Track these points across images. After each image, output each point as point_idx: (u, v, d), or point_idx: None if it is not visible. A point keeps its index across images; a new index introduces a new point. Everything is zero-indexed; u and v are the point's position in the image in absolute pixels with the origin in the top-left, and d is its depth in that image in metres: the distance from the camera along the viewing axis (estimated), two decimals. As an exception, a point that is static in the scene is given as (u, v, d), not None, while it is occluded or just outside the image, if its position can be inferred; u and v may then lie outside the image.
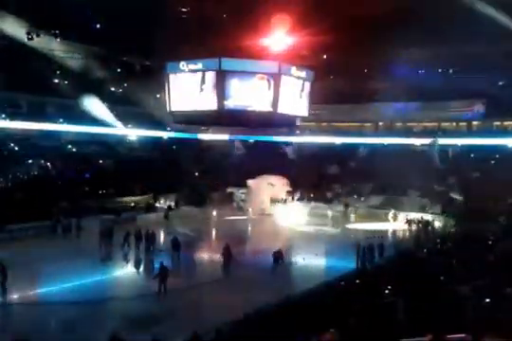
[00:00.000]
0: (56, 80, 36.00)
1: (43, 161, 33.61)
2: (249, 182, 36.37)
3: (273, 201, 36.67)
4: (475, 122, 43.13)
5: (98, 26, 33.05)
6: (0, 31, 29.38)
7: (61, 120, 35.47)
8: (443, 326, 8.08)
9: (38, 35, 29.38)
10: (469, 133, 42.25)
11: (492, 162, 38.46)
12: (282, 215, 34.66)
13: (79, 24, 32.20)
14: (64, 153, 35.90)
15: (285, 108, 30.53)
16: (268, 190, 35.72)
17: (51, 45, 31.84)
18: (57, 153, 34.07)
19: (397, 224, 32.04)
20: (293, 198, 38.46)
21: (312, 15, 33.43)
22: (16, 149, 33.59)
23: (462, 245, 19.07)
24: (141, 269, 21.44)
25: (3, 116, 32.29)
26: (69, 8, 29.21)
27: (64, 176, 32.98)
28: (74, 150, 37.12)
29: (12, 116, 33.03)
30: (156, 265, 21.30)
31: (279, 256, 20.52)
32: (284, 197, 37.58)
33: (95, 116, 36.28)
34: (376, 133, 45.74)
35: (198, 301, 16.05)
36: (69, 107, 36.93)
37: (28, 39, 28.61)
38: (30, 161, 33.12)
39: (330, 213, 35.48)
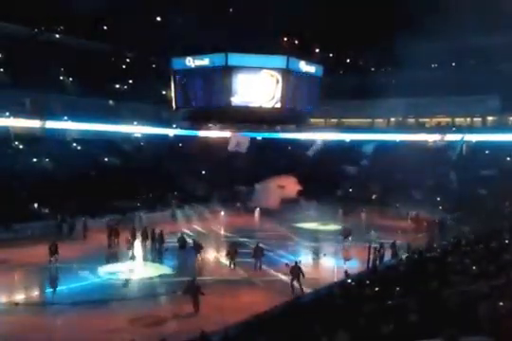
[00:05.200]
0: (61, 77, 35.66)
1: (48, 160, 33.25)
2: (257, 186, 35.00)
3: (282, 201, 35.61)
4: (490, 117, 42.06)
5: (103, 21, 32.75)
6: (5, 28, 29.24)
7: (65, 118, 35.12)
8: (457, 327, 7.47)
9: (42, 32, 29.16)
10: (484, 128, 41.16)
11: (508, 159, 37.38)
12: (290, 214, 33.82)
13: (84, 19, 32.01)
14: (69, 152, 35.50)
15: (294, 104, 29.94)
16: (277, 192, 34.55)
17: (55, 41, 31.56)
18: (62, 152, 33.66)
19: (409, 222, 31.14)
20: (302, 197, 37.45)
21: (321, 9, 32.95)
22: (21, 147, 33.28)
23: (477, 244, 18.33)
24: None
25: (7, 113, 32.01)
26: (75, 3, 28.93)
27: (69, 175, 32.62)
28: (79, 148, 36.72)
29: (16, 114, 32.75)
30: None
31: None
32: (295, 197, 36.49)
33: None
34: (388, 129, 44.76)
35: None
36: (74, 104, 36.64)
37: (33, 35, 28.34)
38: (35, 160, 32.79)
39: (340, 212, 34.65)
